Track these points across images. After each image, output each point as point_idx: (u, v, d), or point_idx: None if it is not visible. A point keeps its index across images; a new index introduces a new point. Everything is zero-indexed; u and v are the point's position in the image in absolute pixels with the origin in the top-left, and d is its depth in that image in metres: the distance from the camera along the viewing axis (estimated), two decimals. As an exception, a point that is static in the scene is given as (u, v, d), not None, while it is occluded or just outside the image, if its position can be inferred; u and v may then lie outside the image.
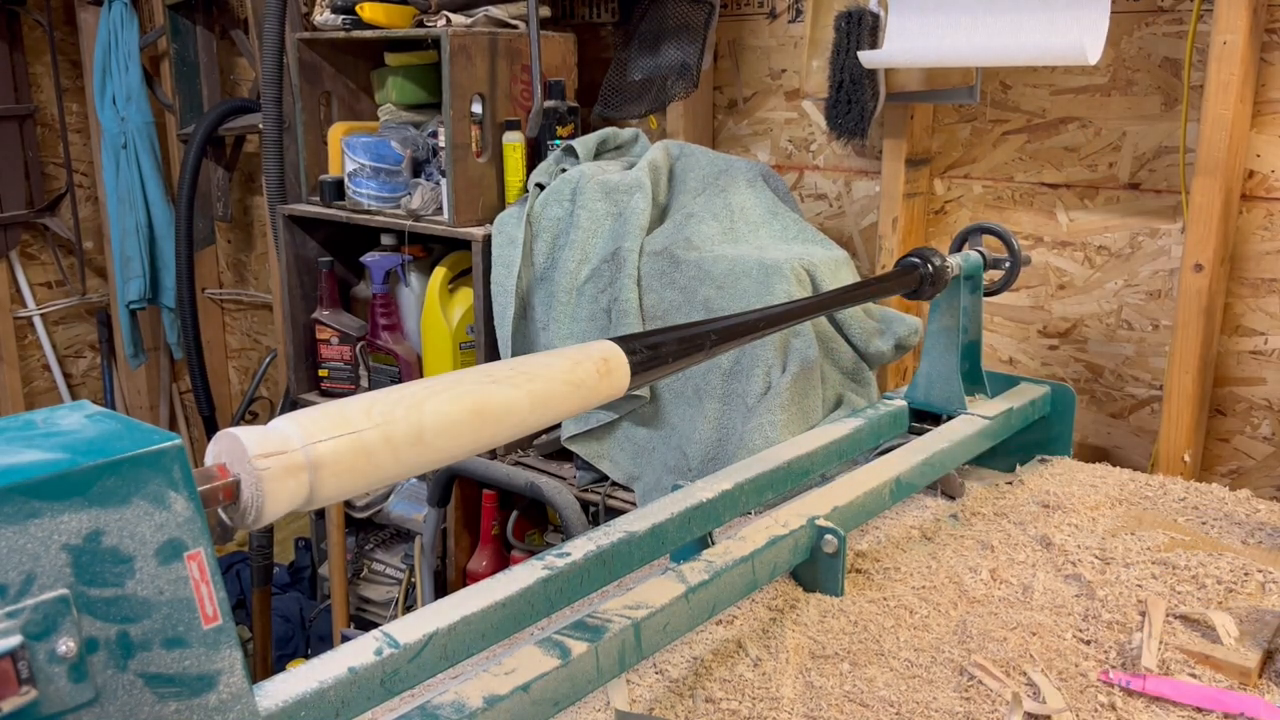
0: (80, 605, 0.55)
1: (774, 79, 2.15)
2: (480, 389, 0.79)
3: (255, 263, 3.36)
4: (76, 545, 0.56)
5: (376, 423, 0.72)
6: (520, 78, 2.10)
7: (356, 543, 2.57)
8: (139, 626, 0.58)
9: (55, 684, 0.54)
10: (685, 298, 1.78)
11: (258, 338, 3.44)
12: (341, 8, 2.14)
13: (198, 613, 0.60)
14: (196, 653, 0.60)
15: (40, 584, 0.54)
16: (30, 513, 0.54)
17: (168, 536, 0.59)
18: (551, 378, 0.84)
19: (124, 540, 0.57)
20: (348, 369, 2.36)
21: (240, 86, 3.17)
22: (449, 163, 2.02)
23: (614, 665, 0.92)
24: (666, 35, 2.12)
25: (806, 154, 2.14)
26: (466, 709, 0.80)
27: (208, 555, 0.61)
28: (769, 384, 1.68)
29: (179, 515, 0.60)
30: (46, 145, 3.28)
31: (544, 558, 0.98)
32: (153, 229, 3.12)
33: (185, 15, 3.04)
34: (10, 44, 3.13)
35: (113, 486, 0.57)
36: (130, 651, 0.57)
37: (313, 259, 2.38)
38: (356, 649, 0.81)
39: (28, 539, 0.54)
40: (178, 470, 0.60)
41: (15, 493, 0.54)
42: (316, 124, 2.30)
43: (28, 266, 3.30)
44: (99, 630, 0.56)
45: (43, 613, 0.54)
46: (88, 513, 0.56)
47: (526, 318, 1.99)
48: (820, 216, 2.13)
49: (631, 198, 1.87)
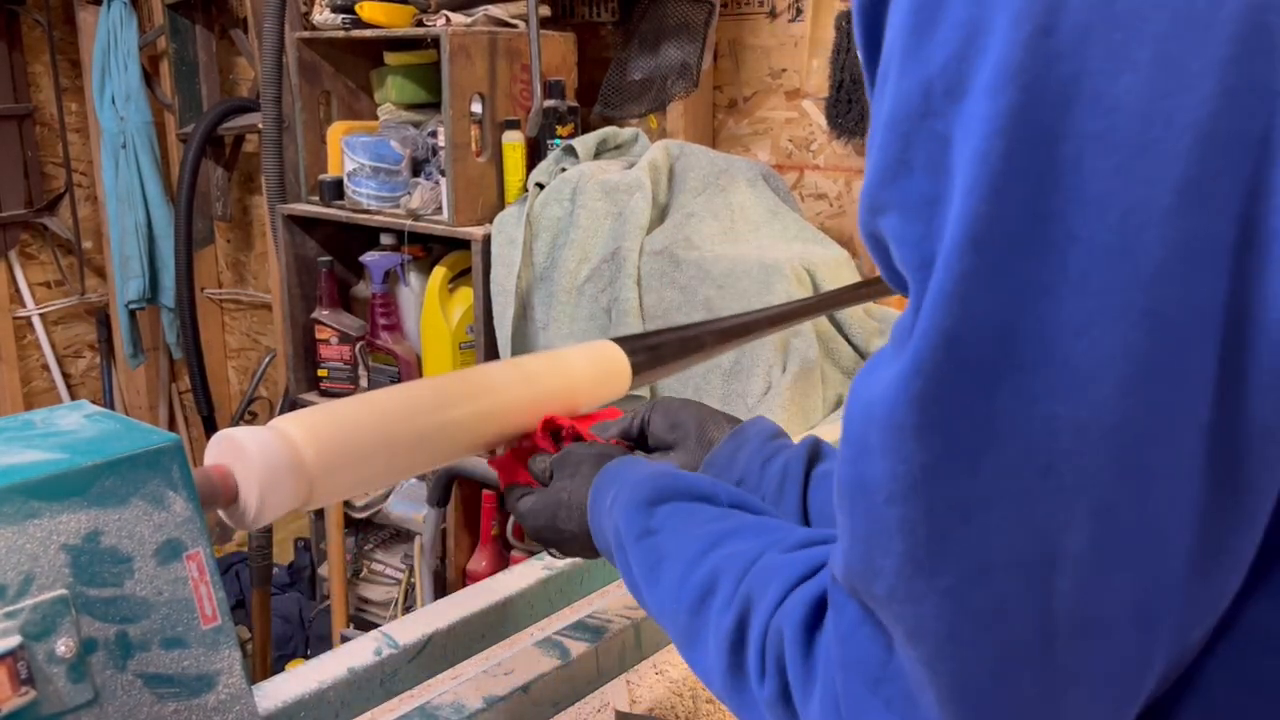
0: (79, 605, 0.55)
1: (774, 79, 2.15)
2: (480, 389, 0.79)
3: (254, 262, 3.36)
4: (75, 545, 0.56)
5: (375, 423, 0.72)
6: (520, 77, 2.10)
7: (356, 543, 2.57)
8: (138, 627, 0.57)
9: (54, 684, 0.54)
10: (685, 297, 1.78)
11: (257, 338, 3.44)
12: (341, 7, 2.14)
13: (197, 613, 0.60)
14: (196, 653, 0.59)
15: (39, 584, 0.54)
16: (29, 513, 0.54)
17: (167, 536, 0.59)
18: (552, 378, 0.84)
19: (123, 540, 0.57)
20: (347, 369, 2.36)
21: (240, 86, 3.17)
22: (449, 162, 2.02)
23: (614, 665, 0.91)
24: (666, 35, 2.12)
25: (806, 154, 2.14)
26: (466, 709, 0.80)
27: (207, 555, 0.61)
28: (769, 384, 1.68)
29: (178, 515, 0.60)
30: (45, 145, 3.28)
31: (544, 557, 0.98)
32: (152, 229, 3.12)
33: (184, 14, 3.03)
34: (9, 43, 3.12)
35: (112, 486, 0.57)
36: (129, 652, 0.57)
37: (312, 259, 2.37)
38: (356, 649, 0.81)
39: (27, 539, 0.54)
40: (177, 470, 0.60)
41: (14, 493, 0.54)
42: (316, 123, 2.30)
43: (27, 266, 3.30)
44: (98, 630, 0.56)
45: (42, 613, 0.54)
46: (87, 513, 0.56)
47: (526, 318, 1.99)
48: (820, 216, 2.13)
49: (631, 197, 1.87)
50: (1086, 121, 0.36)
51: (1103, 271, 0.36)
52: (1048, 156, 0.36)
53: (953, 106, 0.38)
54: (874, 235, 0.43)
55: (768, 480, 0.77)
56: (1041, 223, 0.36)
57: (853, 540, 0.43)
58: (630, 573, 0.64)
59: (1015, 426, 0.38)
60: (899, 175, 0.40)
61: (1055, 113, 0.36)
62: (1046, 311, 0.37)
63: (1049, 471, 0.38)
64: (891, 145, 0.40)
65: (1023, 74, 0.36)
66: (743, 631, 0.53)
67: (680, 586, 0.58)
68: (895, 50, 0.40)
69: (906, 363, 0.39)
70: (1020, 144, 0.36)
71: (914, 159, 0.40)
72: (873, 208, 0.42)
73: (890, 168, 0.41)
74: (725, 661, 0.54)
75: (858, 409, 0.43)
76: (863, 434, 0.42)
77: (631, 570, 0.64)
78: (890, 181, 0.41)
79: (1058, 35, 0.36)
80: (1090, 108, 0.36)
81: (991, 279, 0.37)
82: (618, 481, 0.68)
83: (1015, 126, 0.36)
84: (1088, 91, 0.36)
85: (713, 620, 0.55)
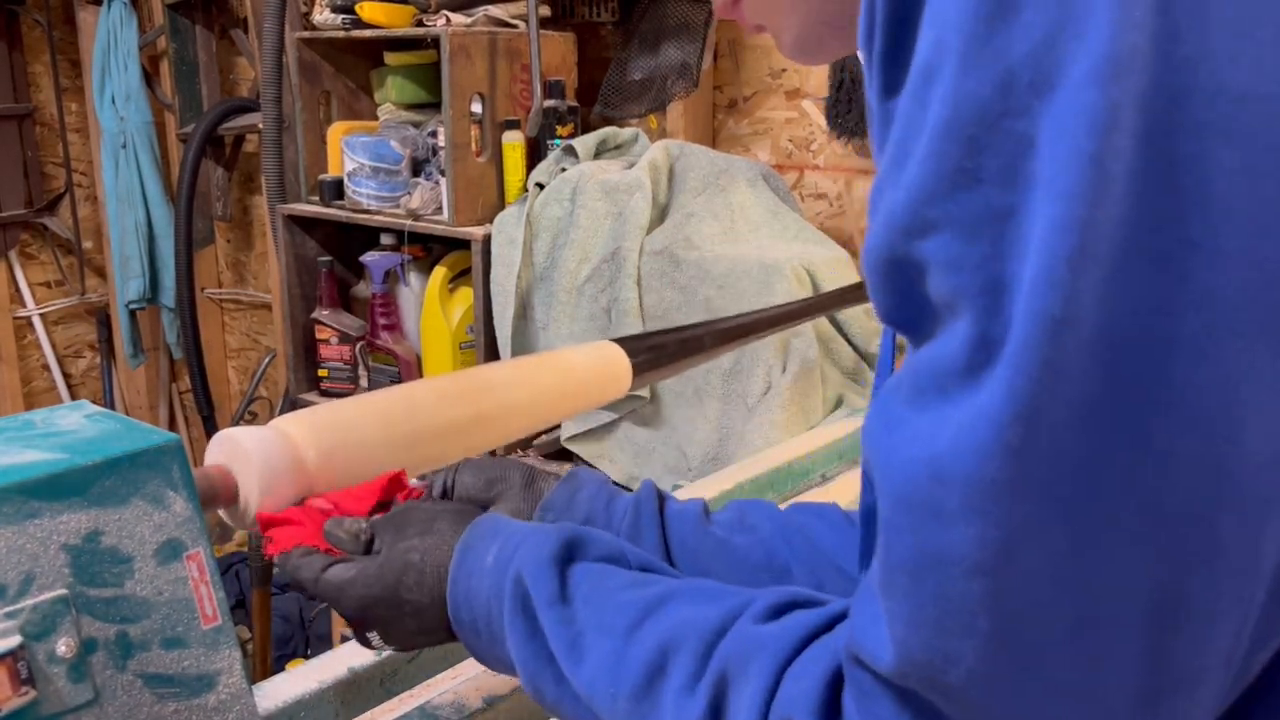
0: (79, 605, 0.55)
1: (774, 79, 2.15)
2: (480, 389, 0.79)
3: (255, 262, 3.36)
4: (76, 545, 0.56)
5: (375, 423, 0.72)
6: (520, 77, 2.10)
7: (356, 543, 2.56)
8: (138, 627, 0.57)
9: (55, 684, 0.54)
10: (685, 297, 1.78)
11: (257, 338, 3.44)
12: (341, 7, 2.14)
13: (197, 613, 0.60)
14: (196, 653, 0.59)
15: (39, 584, 0.54)
16: (29, 513, 0.54)
17: (167, 536, 0.59)
18: (552, 379, 0.84)
19: (123, 540, 0.57)
20: (347, 369, 2.36)
21: (240, 86, 3.17)
22: (449, 162, 2.02)
23: (614, 665, 0.91)
24: (666, 35, 2.12)
25: (806, 154, 2.14)
26: (466, 709, 0.80)
27: (207, 555, 0.61)
28: (769, 384, 1.68)
29: (178, 515, 0.60)
30: (45, 145, 3.28)
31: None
32: (152, 229, 3.12)
33: (184, 14, 3.03)
34: (9, 43, 3.12)
35: (112, 486, 0.57)
36: (129, 652, 0.57)
37: (312, 259, 2.37)
38: (356, 649, 0.81)
39: (27, 539, 0.54)
40: (177, 470, 0.60)
41: (14, 493, 0.54)
42: (316, 123, 2.30)
43: (27, 266, 3.30)
44: (98, 630, 0.56)
45: (42, 613, 0.54)
46: (87, 513, 0.56)
47: (526, 318, 1.99)
48: (820, 216, 2.13)
49: (631, 197, 1.87)
50: (1210, 112, 0.31)
51: (1234, 287, 0.32)
52: (1168, 154, 0.32)
53: (1040, 102, 0.33)
54: (903, 261, 0.37)
55: (616, 518, 0.70)
56: (1163, 232, 0.32)
57: (917, 624, 0.37)
58: (532, 643, 0.55)
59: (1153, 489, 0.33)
60: (958, 188, 0.34)
61: (1174, 103, 0.31)
62: (1171, 332, 0.32)
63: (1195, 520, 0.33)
64: (950, 154, 0.34)
65: (1135, 59, 0.31)
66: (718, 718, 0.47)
67: (617, 665, 0.50)
68: (953, 42, 0.34)
69: (997, 404, 0.33)
70: (1136, 141, 0.32)
71: (983, 167, 0.34)
72: (911, 229, 0.36)
73: (946, 180, 0.35)
74: None
75: (920, 470, 0.36)
76: (931, 498, 0.36)
77: (535, 640, 0.55)
78: (945, 196, 0.35)
79: (1172, 13, 0.31)
80: (1213, 97, 0.31)
81: (1105, 298, 0.32)
82: (501, 535, 0.59)
83: (1128, 121, 0.31)
84: (1208, 77, 0.31)
85: (669, 704, 0.48)
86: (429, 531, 0.61)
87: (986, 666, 0.36)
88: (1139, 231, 0.32)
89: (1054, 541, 0.34)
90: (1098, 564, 0.34)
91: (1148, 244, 0.32)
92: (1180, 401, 0.32)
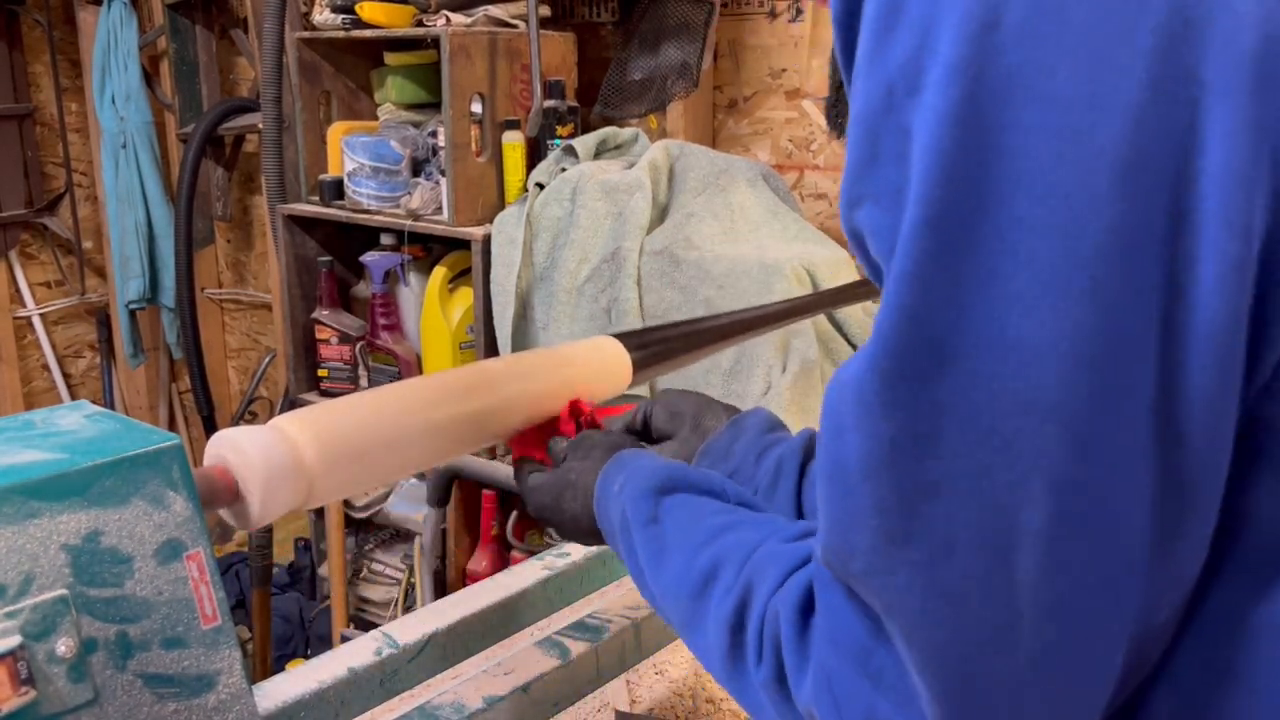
0: (79, 605, 0.55)
1: (774, 79, 2.15)
2: (479, 385, 0.79)
3: (255, 262, 3.36)
4: (75, 545, 0.56)
5: (375, 420, 0.72)
6: (520, 77, 2.10)
7: (356, 543, 2.57)
8: (138, 627, 0.57)
9: (54, 684, 0.54)
10: (685, 297, 1.78)
11: (257, 338, 3.44)
12: (341, 7, 2.14)
13: (197, 613, 0.60)
14: (196, 653, 0.59)
15: (39, 584, 0.54)
16: (29, 513, 0.54)
17: (167, 536, 0.59)
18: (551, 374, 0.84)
19: (123, 540, 0.57)
20: (347, 369, 2.36)
21: (240, 86, 3.17)
22: (449, 162, 2.02)
23: (614, 665, 0.91)
24: (666, 35, 2.12)
25: (806, 154, 2.14)
26: (466, 709, 0.80)
27: (207, 555, 0.61)
28: (769, 384, 1.68)
29: (178, 515, 0.60)
30: (46, 145, 3.28)
31: (544, 558, 0.98)
32: (152, 229, 3.12)
33: (184, 14, 3.03)
34: (9, 43, 3.12)
35: (112, 487, 0.57)
36: (129, 652, 0.57)
37: (312, 259, 2.37)
38: (356, 649, 0.81)
39: (27, 539, 0.54)
40: (177, 470, 0.60)
41: (14, 493, 0.54)
42: (316, 123, 2.30)
43: (27, 266, 3.30)
44: (98, 630, 0.56)
45: (42, 613, 0.54)
46: (87, 513, 0.56)
47: (526, 318, 1.99)
48: (820, 216, 2.13)
49: (631, 197, 1.87)
50: (1028, 112, 0.38)
51: (1048, 252, 0.38)
52: (994, 144, 0.38)
53: (911, 101, 0.40)
54: (854, 230, 0.45)
55: (762, 474, 0.78)
56: (990, 207, 0.39)
57: (832, 520, 0.45)
58: (634, 556, 0.66)
59: (971, 403, 0.40)
60: (871, 168, 0.43)
61: (1000, 103, 0.38)
62: (996, 291, 0.39)
63: (1005, 448, 0.39)
64: (863, 140, 0.43)
65: (969, 67, 0.38)
66: (742, 615, 0.55)
67: (684, 572, 0.61)
68: (864, 52, 0.43)
69: (873, 342, 0.42)
70: (968, 133, 0.39)
71: (882, 152, 0.42)
72: (850, 201, 0.44)
73: (863, 161, 0.43)
74: (725, 644, 0.56)
75: (833, 391, 0.45)
76: (837, 414, 0.44)
77: (636, 554, 0.66)
78: (864, 175, 0.43)
79: (1001, 30, 0.38)
80: (1031, 99, 0.38)
81: (944, 260, 0.39)
82: (626, 469, 0.70)
83: (964, 117, 0.39)
84: (1028, 83, 0.38)
85: (714, 605, 0.57)
86: (587, 457, 0.75)
87: (877, 560, 0.43)
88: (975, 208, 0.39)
89: (916, 460, 0.41)
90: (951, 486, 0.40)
91: (982, 218, 0.39)
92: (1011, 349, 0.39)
